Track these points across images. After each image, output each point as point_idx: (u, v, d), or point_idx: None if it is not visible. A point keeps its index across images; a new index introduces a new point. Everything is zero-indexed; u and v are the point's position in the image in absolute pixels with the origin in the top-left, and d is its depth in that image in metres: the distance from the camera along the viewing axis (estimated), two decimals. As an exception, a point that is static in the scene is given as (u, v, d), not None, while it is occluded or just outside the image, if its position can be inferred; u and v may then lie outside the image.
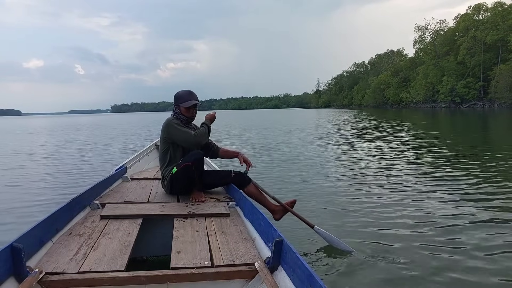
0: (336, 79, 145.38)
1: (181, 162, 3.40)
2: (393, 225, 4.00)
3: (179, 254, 2.23)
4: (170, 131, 3.53)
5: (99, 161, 9.97)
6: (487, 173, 6.48)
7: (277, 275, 1.99)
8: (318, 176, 6.71)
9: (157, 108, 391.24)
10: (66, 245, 2.29)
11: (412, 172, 7.00)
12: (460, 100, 65.10)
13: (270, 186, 5.15)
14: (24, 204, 5.26)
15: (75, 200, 2.78)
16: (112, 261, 2.10)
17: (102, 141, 17.07)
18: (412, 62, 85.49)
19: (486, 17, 63.83)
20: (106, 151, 12.56)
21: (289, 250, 1.93)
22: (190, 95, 3.61)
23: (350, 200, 5.01)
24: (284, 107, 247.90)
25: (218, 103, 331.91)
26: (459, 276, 2.82)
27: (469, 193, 5.21)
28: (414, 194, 5.27)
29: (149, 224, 2.88)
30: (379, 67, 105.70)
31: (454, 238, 3.59)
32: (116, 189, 3.72)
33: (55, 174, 7.86)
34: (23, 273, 1.83)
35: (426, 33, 76.35)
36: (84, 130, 27.94)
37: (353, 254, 3.18)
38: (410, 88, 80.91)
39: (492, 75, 58.29)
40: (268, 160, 8.99)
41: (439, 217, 4.19)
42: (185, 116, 3.62)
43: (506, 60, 56.02)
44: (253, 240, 2.51)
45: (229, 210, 3.08)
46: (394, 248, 3.39)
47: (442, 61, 69.34)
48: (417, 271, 2.91)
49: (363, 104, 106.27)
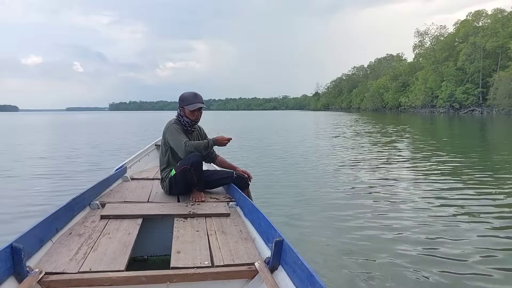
0: (335, 82, 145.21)
1: (179, 164, 3.40)
2: (393, 229, 4.02)
3: (179, 254, 2.23)
4: (167, 134, 3.53)
5: (99, 161, 9.95)
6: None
7: (277, 275, 1.99)
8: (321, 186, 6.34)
9: (155, 107, 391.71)
10: (66, 245, 2.29)
11: (419, 182, 6.53)
12: (458, 105, 65.16)
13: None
14: (24, 204, 5.24)
15: (75, 200, 2.78)
16: (112, 261, 2.10)
17: (95, 141, 16.96)
18: (412, 66, 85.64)
19: (486, 23, 64.05)
20: (97, 152, 12.45)
21: (289, 250, 1.94)
22: (195, 97, 3.57)
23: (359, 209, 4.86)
24: (282, 109, 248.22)
25: (217, 103, 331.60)
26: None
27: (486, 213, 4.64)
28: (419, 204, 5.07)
29: (149, 224, 2.89)
30: (378, 71, 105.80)
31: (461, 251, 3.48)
32: (116, 189, 3.72)
33: (55, 174, 7.84)
34: (23, 273, 1.83)
35: (426, 38, 76.61)
36: (78, 130, 27.47)
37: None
38: (409, 92, 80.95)
39: (491, 82, 58.38)
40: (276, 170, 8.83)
41: (444, 229, 4.01)
42: (189, 118, 3.59)
43: (506, 67, 56.01)
44: (253, 240, 2.51)
45: (229, 210, 3.09)
46: (394, 249, 3.40)
47: (441, 66, 69.46)
48: (419, 274, 2.93)
49: (361, 108, 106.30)
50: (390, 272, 2.96)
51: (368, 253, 3.33)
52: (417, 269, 3.01)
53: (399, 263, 3.13)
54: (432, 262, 3.15)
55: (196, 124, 3.74)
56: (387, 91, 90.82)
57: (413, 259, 3.21)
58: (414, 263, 3.13)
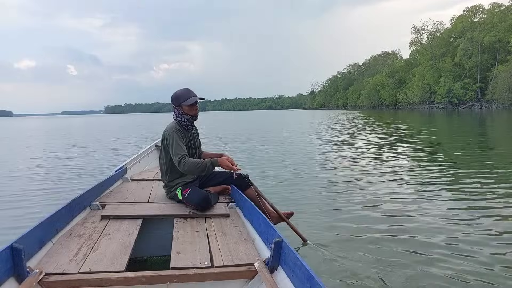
0: (330, 81, 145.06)
1: (187, 198, 3.19)
2: (393, 228, 4.01)
3: (179, 255, 2.24)
4: (168, 141, 3.36)
5: (99, 161, 9.94)
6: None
7: (277, 275, 1.99)
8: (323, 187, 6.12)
9: (150, 109, 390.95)
10: (66, 245, 2.29)
11: (425, 182, 6.22)
12: (457, 101, 65.29)
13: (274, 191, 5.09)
14: (24, 205, 5.24)
15: (75, 201, 2.78)
16: (112, 261, 2.11)
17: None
18: (408, 63, 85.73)
19: (482, 18, 64.13)
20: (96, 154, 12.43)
21: (288, 250, 1.94)
22: (189, 92, 3.45)
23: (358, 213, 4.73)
24: (278, 108, 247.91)
25: (212, 104, 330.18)
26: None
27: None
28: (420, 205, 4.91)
29: (149, 224, 2.89)
30: (374, 69, 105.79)
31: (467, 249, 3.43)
32: (116, 190, 3.72)
33: (55, 175, 7.84)
34: (23, 274, 1.83)
35: (422, 34, 76.75)
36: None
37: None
38: (406, 89, 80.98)
39: (490, 76, 58.50)
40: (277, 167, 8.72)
41: (447, 229, 3.91)
42: (189, 114, 3.44)
43: (504, 61, 56.09)
44: (252, 240, 2.52)
45: (228, 211, 3.09)
46: (394, 250, 3.40)
47: (439, 62, 69.61)
48: (419, 273, 2.92)
49: (358, 105, 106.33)
50: (390, 272, 2.95)
51: (368, 253, 3.32)
52: (417, 268, 3.00)
53: (399, 263, 3.11)
54: (435, 262, 3.13)
55: (196, 119, 3.58)
56: (383, 88, 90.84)
57: (413, 259, 3.19)
58: (414, 262, 3.12)
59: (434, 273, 2.90)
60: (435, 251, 3.32)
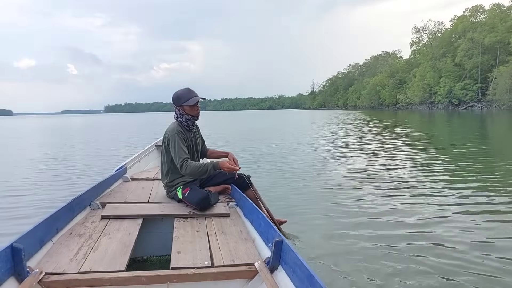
0: (331, 81, 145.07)
1: (187, 198, 3.19)
2: (395, 229, 4.02)
3: (179, 254, 2.23)
4: (169, 143, 3.34)
5: (99, 161, 9.94)
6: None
7: (277, 275, 1.99)
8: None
9: (150, 108, 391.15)
10: (66, 245, 2.29)
11: (427, 181, 6.27)
12: (457, 101, 65.21)
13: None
14: (25, 205, 5.23)
15: (75, 200, 2.78)
16: (113, 261, 2.11)
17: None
18: (408, 63, 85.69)
19: (483, 19, 64.10)
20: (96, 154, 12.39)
21: (289, 250, 1.94)
22: (190, 92, 3.41)
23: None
24: (278, 108, 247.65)
25: (213, 103, 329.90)
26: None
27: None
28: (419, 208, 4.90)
29: (149, 224, 2.89)
30: (374, 69, 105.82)
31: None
32: (117, 190, 3.72)
33: (55, 175, 7.83)
34: (23, 273, 1.83)
35: (423, 34, 76.73)
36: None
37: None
38: (406, 89, 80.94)
39: (491, 77, 58.42)
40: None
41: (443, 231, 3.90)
42: (191, 115, 3.41)
43: (505, 62, 55.97)
44: (253, 240, 2.52)
45: (229, 210, 3.09)
46: (394, 250, 3.40)
47: (439, 62, 69.55)
48: (419, 273, 2.92)
49: (358, 106, 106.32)
50: (390, 272, 2.95)
51: (369, 253, 3.32)
52: (417, 269, 3.00)
53: (399, 262, 3.12)
54: (437, 263, 3.12)
55: (197, 119, 3.57)
56: (384, 88, 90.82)
57: (413, 260, 3.19)
58: (415, 263, 3.11)
59: (435, 274, 2.89)
60: (435, 252, 3.32)
